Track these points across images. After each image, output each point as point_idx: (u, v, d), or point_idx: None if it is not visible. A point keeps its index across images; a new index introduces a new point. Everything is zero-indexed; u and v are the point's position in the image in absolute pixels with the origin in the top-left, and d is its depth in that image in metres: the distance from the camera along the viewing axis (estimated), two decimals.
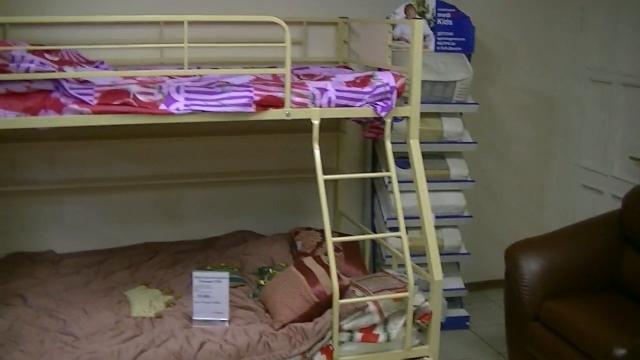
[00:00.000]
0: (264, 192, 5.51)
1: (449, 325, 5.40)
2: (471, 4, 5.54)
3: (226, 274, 4.09)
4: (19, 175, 5.03)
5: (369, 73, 4.28)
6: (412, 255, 4.21)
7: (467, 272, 5.71)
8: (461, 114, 5.32)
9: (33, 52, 3.79)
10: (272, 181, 5.48)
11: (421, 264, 4.40)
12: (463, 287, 5.45)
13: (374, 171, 5.47)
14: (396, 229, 4.27)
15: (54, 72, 3.74)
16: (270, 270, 4.66)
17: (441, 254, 4.69)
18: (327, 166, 4.63)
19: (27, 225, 5.12)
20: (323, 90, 4.06)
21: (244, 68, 4.77)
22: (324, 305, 4.00)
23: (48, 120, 3.79)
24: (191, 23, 3.83)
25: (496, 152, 6.02)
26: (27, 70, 3.68)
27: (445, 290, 5.16)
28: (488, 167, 6.00)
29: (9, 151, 4.97)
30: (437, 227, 5.15)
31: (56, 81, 3.77)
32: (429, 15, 5.20)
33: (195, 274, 4.09)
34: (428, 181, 4.32)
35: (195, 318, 4.08)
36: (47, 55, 3.98)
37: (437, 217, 5.12)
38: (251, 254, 5.01)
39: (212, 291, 4.06)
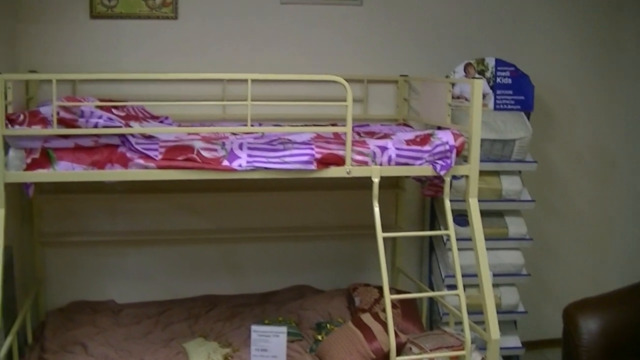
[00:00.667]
0: (323, 247, 5.55)
1: None
2: (530, 62, 5.57)
3: (284, 328, 4.12)
4: (82, 225, 5.15)
5: (429, 131, 4.32)
6: (469, 313, 4.20)
7: (525, 330, 5.65)
8: (520, 171, 5.32)
9: (101, 108, 3.92)
10: (331, 236, 5.52)
11: (478, 322, 4.38)
12: (520, 345, 5.40)
13: (432, 228, 5.48)
14: (454, 287, 4.28)
15: (120, 127, 3.85)
16: (328, 325, 4.68)
17: (498, 312, 4.66)
18: (386, 222, 4.67)
19: (89, 274, 5.22)
20: (383, 148, 4.11)
21: (306, 125, 4.85)
22: None
23: (114, 174, 3.90)
24: (254, 81, 3.93)
25: (555, 209, 5.98)
26: (96, 125, 3.80)
27: (502, 348, 5.11)
28: (547, 224, 5.96)
29: (74, 202, 5.09)
30: (495, 285, 5.13)
31: (123, 136, 3.88)
32: (488, 74, 5.24)
33: (254, 327, 4.13)
34: (486, 239, 4.31)
35: None
36: (114, 110, 4.11)
37: (494, 275, 5.10)
38: (309, 309, 5.04)
39: (269, 345, 4.10)
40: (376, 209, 4.11)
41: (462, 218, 4.93)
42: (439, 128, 4.51)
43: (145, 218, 5.22)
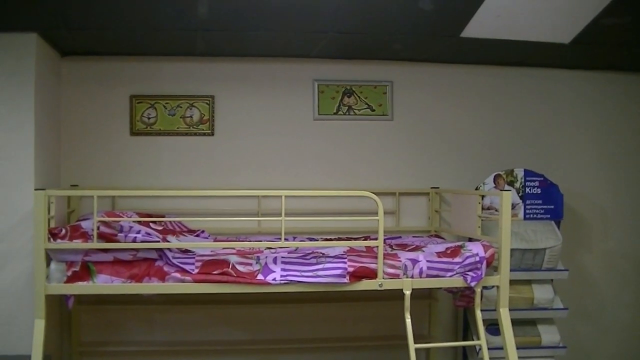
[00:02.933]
0: (356, 358, 5.55)
1: None
2: (559, 171, 5.66)
3: None
4: (120, 335, 5.23)
5: (459, 243, 4.40)
6: None
7: None
8: (552, 280, 5.34)
9: (139, 222, 4.06)
10: (365, 347, 5.53)
11: None
12: None
13: (465, 337, 5.46)
14: None
15: (158, 241, 3.98)
16: None
17: None
18: (419, 332, 4.71)
19: None
20: (414, 261, 4.18)
21: (339, 238, 4.93)
22: None
23: (152, 287, 4.02)
24: (288, 196, 4.05)
25: (589, 315, 5.96)
26: (134, 240, 3.94)
27: None
28: (581, 330, 5.93)
29: (113, 312, 5.19)
30: None
31: (160, 250, 4.01)
32: (517, 184, 5.32)
33: None
34: (519, 347, 4.33)
35: None
36: (152, 225, 4.24)
37: None
38: None
39: None
40: (408, 321, 4.16)
41: (494, 327, 4.94)
42: (470, 239, 4.58)
43: (182, 329, 5.29)
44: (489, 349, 4.29)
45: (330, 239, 4.75)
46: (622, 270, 6.00)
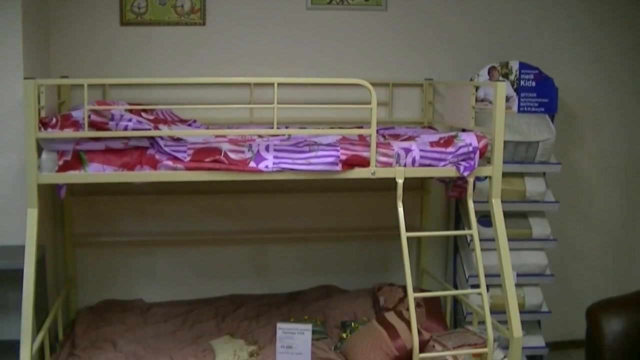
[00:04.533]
0: (348, 248, 5.61)
1: None
2: (554, 65, 5.61)
3: (309, 326, 4.19)
4: (112, 226, 5.25)
5: (453, 133, 4.38)
6: (492, 313, 4.26)
7: (549, 331, 5.68)
8: (544, 173, 5.35)
9: (131, 111, 4.01)
10: (356, 237, 5.58)
11: (502, 322, 4.42)
12: (544, 345, 5.42)
13: (456, 229, 5.52)
14: (477, 287, 4.32)
15: (150, 130, 3.95)
16: (353, 324, 4.74)
17: (522, 312, 4.71)
18: (411, 224, 4.73)
19: (119, 274, 5.32)
20: (407, 150, 4.17)
21: (331, 128, 4.91)
22: (404, 358, 4.07)
23: (143, 175, 4.00)
24: (280, 84, 4.01)
25: (579, 211, 6.01)
26: (125, 128, 3.90)
27: (525, 348, 5.16)
28: (571, 226, 5.99)
29: (105, 203, 5.19)
30: (518, 285, 5.17)
31: (152, 138, 3.98)
32: (512, 77, 5.28)
33: (279, 325, 4.20)
34: (510, 239, 4.36)
35: None
36: (143, 114, 4.20)
37: (518, 275, 5.14)
38: (334, 308, 5.10)
39: (295, 342, 4.17)
40: (400, 210, 4.17)
41: (486, 219, 4.98)
42: (463, 131, 4.56)
43: (174, 219, 5.31)
44: (480, 240, 4.31)
45: (323, 129, 4.72)
46: (613, 168, 6.03)
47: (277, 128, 4.10)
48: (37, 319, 4.12)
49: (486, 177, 4.43)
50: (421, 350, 4.03)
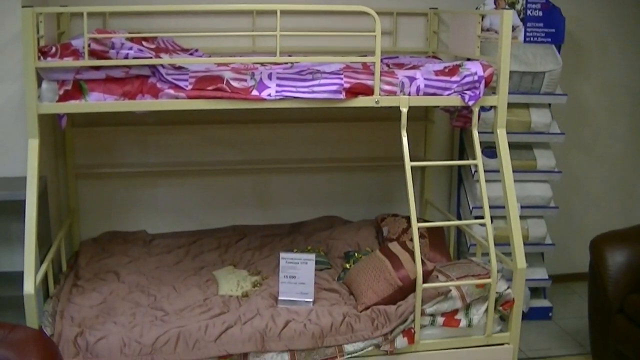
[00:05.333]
0: (352, 179, 5.58)
1: (532, 315, 5.40)
2: None
3: (312, 256, 4.19)
4: (114, 158, 5.22)
5: (458, 62, 4.32)
6: (496, 245, 4.25)
7: (552, 263, 5.70)
8: (549, 104, 5.29)
9: (131, 40, 3.96)
10: (360, 168, 5.55)
11: (505, 254, 4.42)
12: (547, 277, 5.43)
13: (460, 160, 5.48)
14: (481, 218, 4.30)
15: (151, 58, 3.89)
16: (356, 255, 4.74)
17: (525, 244, 4.71)
18: (415, 155, 4.70)
19: (122, 205, 5.31)
20: (412, 79, 4.12)
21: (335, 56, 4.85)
22: (407, 289, 4.07)
23: (145, 104, 3.96)
24: (283, 12, 3.95)
25: (584, 144, 5.97)
26: (126, 57, 3.85)
27: (528, 280, 5.18)
28: (575, 159, 5.96)
29: (106, 135, 5.16)
30: (523, 217, 5.17)
31: (153, 67, 3.93)
32: (518, 6, 5.20)
33: (282, 254, 4.20)
34: (514, 171, 4.34)
35: (280, 298, 4.20)
36: (144, 43, 4.14)
37: (522, 207, 5.14)
38: (337, 239, 5.10)
39: (298, 272, 4.17)
40: (404, 139, 4.13)
41: (490, 150, 4.95)
42: (468, 60, 4.50)
43: (176, 150, 5.28)
44: (484, 171, 4.28)
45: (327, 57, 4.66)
46: (619, 101, 5.97)
47: (280, 56, 4.03)
48: (40, 250, 4.13)
49: (491, 107, 4.38)
50: (424, 281, 4.02)
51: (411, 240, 4.18)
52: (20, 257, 3.81)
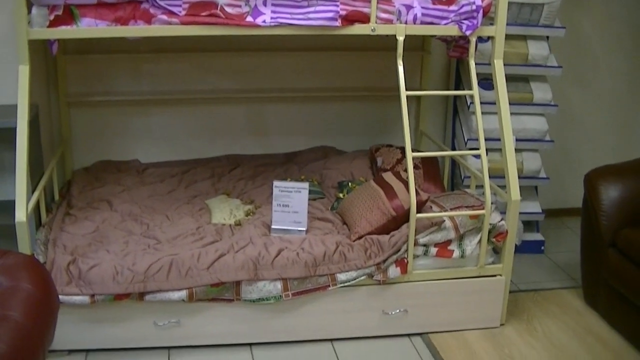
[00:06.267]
0: (346, 109, 5.52)
1: (524, 249, 5.41)
2: None
3: (306, 184, 4.17)
4: (107, 86, 5.15)
5: None
6: (490, 177, 4.23)
7: (545, 198, 5.70)
8: (547, 37, 5.23)
9: None
10: (355, 98, 5.49)
11: (500, 187, 4.41)
12: (540, 211, 5.42)
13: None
14: (476, 150, 4.28)
15: None
16: (350, 184, 4.73)
17: (520, 177, 4.71)
18: (410, 86, 4.66)
19: (114, 134, 5.26)
20: (409, 7, 4.05)
21: None
22: (400, 219, 4.07)
23: (138, 29, 3.89)
24: None
25: (582, 78, 5.90)
26: None
27: (521, 213, 5.17)
28: (572, 93, 5.90)
29: (98, 62, 5.08)
30: (517, 150, 5.14)
31: None
32: None
33: (276, 183, 4.18)
34: (510, 104, 4.31)
35: (273, 227, 4.19)
36: None
37: (517, 140, 5.10)
38: (331, 169, 5.09)
39: (291, 201, 4.15)
40: (400, 68, 4.08)
41: (486, 82, 4.91)
42: None
43: (170, 78, 5.21)
44: (480, 103, 4.24)
45: None
46: (618, 35, 5.87)
47: None
48: (33, 179, 4.11)
49: (488, 38, 4.34)
50: (418, 211, 4.01)
51: (405, 170, 4.16)
52: (13, 186, 3.80)
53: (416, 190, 4.04)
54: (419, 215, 4.00)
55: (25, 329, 2.24)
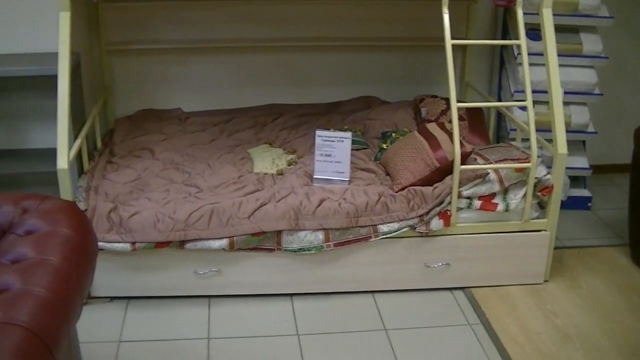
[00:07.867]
0: (391, 59, 5.44)
1: (570, 204, 5.31)
2: None
3: (349, 134, 4.12)
4: (148, 34, 5.12)
5: None
6: (537, 130, 4.12)
7: (593, 154, 5.58)
8: None
9: None
10: (399, 48, 5.41)
11: (546, 140, 4.31)
12: (587, 166, 5.31)
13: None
14: (523, 101, 4.18)
15: None
16: (393, 135, 4.67)
17: (567, 131, 4.60)
18: (456, 37, 4.54)
19: (156, 83, 5.25)
20: None
21: None
22: (444, 170, 4.01)
23: None
24: None
25: (634, 29, 5.73)
26: None
27: (568, 168, 5.07)
28: (624, 44, 5.72)
29: (138, 10, 5.05)
30: (565, 103, 5.02)
31: None
32: None
33: (318, 132, 4.13)
34: (559, 55, 4.18)
35: (315, 176, 4.16)
36: None
37: (565, 93, 4.98)
38: (375, 119, 5.02)
39: (334, 150, 4.11)
40: (446, 16, 3.98)
41: (534, 33, 4.79)
42: None
43: (210, 26, 5.16)
44: (528, 54, 4.13)
45: None
46: None
47: None
48: (75, 127, 4.12)
49: None
50: (462, 163, 3.94)
51: (450, 121, 4.07)
52: (55, 134, 3.78)
53: (460, 141, 3.96)
54: (463, 167, 3.92)
55: (64, 273, 2.22)
